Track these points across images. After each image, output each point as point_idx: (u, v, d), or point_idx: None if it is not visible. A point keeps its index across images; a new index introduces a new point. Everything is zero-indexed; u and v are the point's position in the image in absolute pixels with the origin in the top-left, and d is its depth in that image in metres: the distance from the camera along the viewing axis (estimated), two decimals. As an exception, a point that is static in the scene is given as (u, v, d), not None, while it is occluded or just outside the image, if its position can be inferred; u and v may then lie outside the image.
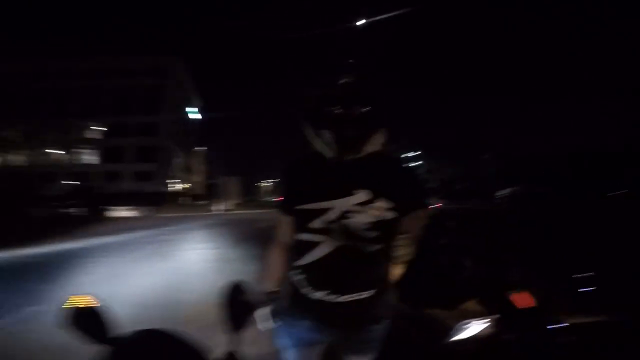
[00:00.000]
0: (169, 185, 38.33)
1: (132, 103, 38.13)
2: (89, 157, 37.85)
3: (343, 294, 0.94)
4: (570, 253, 2.02)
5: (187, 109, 43.80)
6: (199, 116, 46.92)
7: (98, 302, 0.85)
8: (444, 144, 41.04)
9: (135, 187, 34.11)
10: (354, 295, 0.94)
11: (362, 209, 0.92)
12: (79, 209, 21.31)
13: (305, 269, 0.98)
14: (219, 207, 27.41)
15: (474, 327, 1.57)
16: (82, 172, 36.32)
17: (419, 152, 43.59)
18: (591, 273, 1.73)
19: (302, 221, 0.98)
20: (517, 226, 2.97)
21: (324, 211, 0.93)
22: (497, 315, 1.59)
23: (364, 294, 0.95)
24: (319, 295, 0.96)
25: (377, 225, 0.93)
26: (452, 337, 1.59)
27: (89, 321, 0.81)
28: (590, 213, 3.27)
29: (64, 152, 37.27)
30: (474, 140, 38.38)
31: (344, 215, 0.92)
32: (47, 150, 37.06)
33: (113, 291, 4.27)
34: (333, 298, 0.94)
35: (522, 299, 1.54)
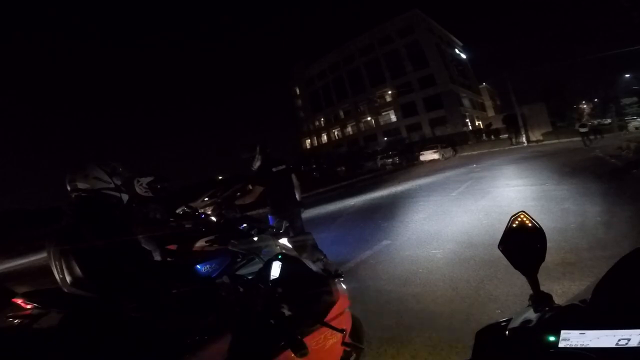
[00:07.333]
0: (464, 126, 38.79)
1: (401, 63, 42.27)
2: (392, 116, 45.30)
3: None
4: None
5: (450, 51, 44.23)
6: (463, 55, 47.05)
7: None
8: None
9: (434, 133, 38.06)
10: None
11: None
12: (393, 158, 26.26)
13: None
14: (519, 140, 25.07)
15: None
16: (392, 129, 44.61)
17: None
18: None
19: None
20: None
21: None
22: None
23: None
24: None
25: None
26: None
27: None
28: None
29: (376, 117, 46.94)
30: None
31: None
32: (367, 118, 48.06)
33: (442, 227, 4.74)
34: None
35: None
